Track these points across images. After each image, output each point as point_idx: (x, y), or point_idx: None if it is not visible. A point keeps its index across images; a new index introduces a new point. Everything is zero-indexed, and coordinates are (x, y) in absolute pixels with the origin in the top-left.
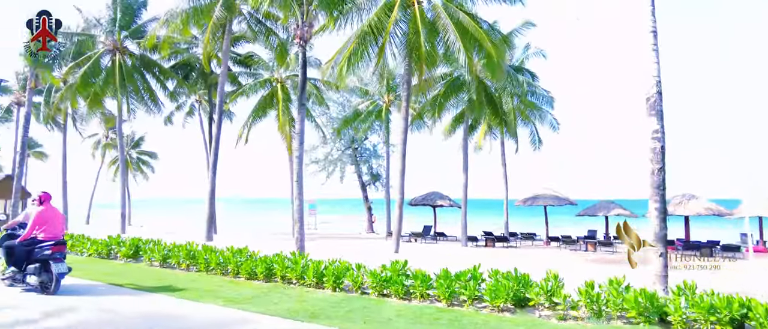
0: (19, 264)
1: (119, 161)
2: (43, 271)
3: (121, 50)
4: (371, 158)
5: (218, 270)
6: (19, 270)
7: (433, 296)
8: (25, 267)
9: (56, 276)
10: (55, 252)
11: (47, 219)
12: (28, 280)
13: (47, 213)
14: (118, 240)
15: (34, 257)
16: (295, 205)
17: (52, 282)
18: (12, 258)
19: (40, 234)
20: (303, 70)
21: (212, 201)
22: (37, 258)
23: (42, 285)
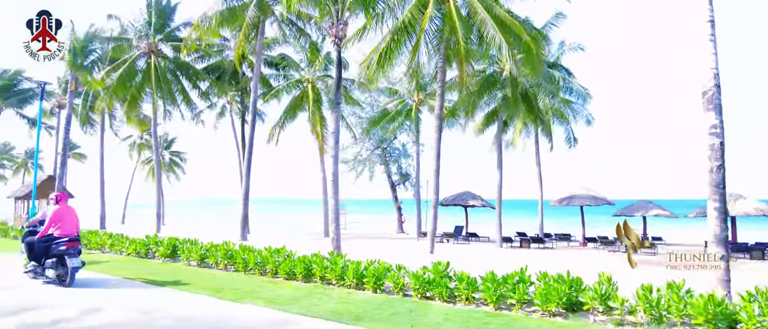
0: (38, 258)
1: (154, 162)
2: (60, 265)
3: (156, 53)
4: (401, 158)
5: (256, 270)
6: (39, 264)
7: (479, 299)
8: (43, 262)
9: (71, 270)
10: (69, 248)
11: (62, 218)
12: (47, 273)
13: (62, 212)
14: (156, 240)
15: (51, 252)
16: (330, 205)
17: (68, 275)
18: (32, 253)
19: (56, 232)
20: (338, 69)
21: (246, 202)
22: (53, 254)
23: (59, 278)
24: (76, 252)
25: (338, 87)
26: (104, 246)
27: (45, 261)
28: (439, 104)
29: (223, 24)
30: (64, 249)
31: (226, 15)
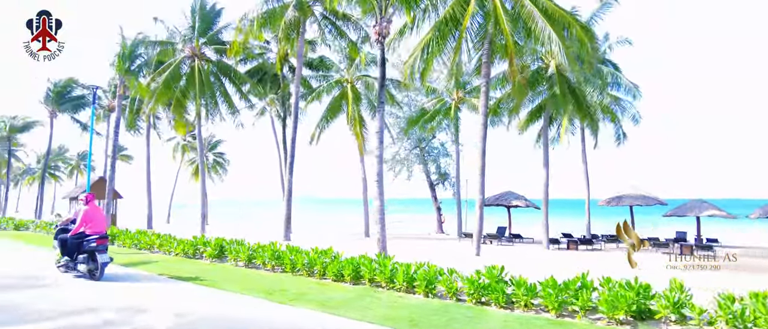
0: (70, 254)
1: (198, 164)
2: (91, 260)
3: (200, 57)
4: (440, 157)
5: (304, 272)
6: (71, 259)
7: (538, 305)
8: (75, 257)
9: (101, 265)
10: (99, 245)
11: (92, 217)
12: (79, 268)
13: (92, 212)
14: (204, 240)
15: (83, 248)
16: (374, 205)
17: (98, 269)
18: (65, 249)
19: (87, 230)
20: (382, 68)
21: (289, 202)
22: (85, 250)
23: (90, 272)
24: (105, 249)
25: (382, 86)
26: (153, 246)
27: (77, 256)
28: (484, 101)
29: (264, 25)
30: (94, 246)
31: (267, 16)
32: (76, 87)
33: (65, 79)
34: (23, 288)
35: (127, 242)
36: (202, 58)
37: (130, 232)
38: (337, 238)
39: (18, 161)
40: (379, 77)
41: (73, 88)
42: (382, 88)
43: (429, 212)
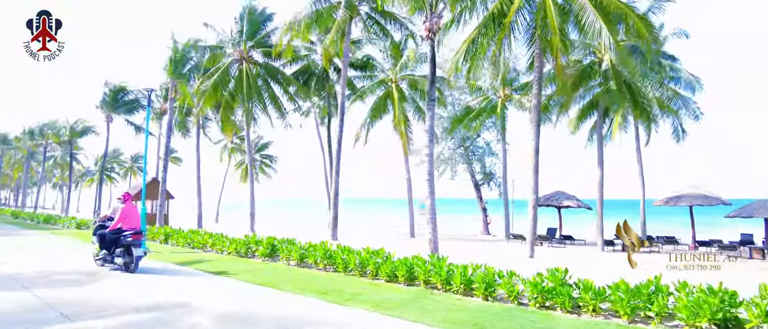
0: (108, 248)
1: (247, 165)
2: (126, 254)
3: (248, 60)
4: (485, 157)
5: (356, 272)
6: (109, 252)
7: (607, 310)
8: (113, 251)
9: (136, 258)
10: (134, 240)
11: (128, 214)
12: (116, 261)
13: (128, 210)
14: (256, 240)
15: (119, 243)
16: (427, 204)
17: (133, 262)
18: (104, 243)
19: (123, 226)
20: (432, 65)
21: (336, 202)
22: (121, 244)
23: (125, 265)
24: (139, 243)
25: (432, 83)
26: (206, 245)
27: (114, 250)
28: (536, 98)
29: (311, 27)
30: (130, 240)
31: (315, 17)
32: (129, 91)
33: (119, 84)
34: (87, 284)
35: (180, 241)
36: (250, 62)
37: (182, 231)
38: (382, 238)
39: (78, 163)
40: (430, 74)
41: (127, 92)
42: (433, 85)
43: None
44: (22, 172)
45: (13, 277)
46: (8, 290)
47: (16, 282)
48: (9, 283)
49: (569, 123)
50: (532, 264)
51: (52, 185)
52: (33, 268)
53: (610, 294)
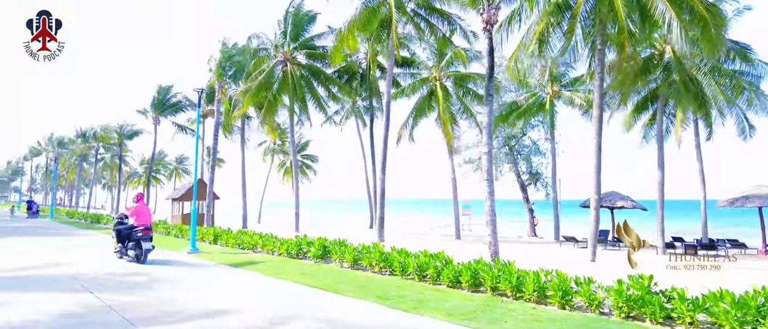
0: (123, 242)
1: (292, 165)
2: (137, 247)
3: (291, 61)
4: (532, 156)
5: (415, 275)
6: (123, 246)
7: (705, 323)
8: (126, 244)
9: (145, 251)
10: (144, 235)
11: (140, 212)
12: (129, 253)
13: (140, 208)
14: (307, 240)
15: (132, 237)
16: (486, 205)
17: (142, 255)
18: (120, 238)
19: (135, 223)
20: (490, 57)
21: (382, 202)
22: (133, 238)
23: (136, 256)
24: (149, 238)
25: (490, 77)
26: (256, 246)
27: (127, 243)
28: (598, 90)
29: (359, 28)
30: (140, 235)
31: (362, 18)
32: (174, 94)
33: (165, 87)
34: (147, 286)
35: (229, 242)
36: (294, 63)
37: (231, 232)
38: (429, 240)
39: (126, 165)
40: (488, 68)
41: (172, 95)
42: (491, 79)
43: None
44: (75, 173)
45: (75, 277)
46: (71, 291)
47: (77, 282)
48: (71, 284)
49: (624, 121)
50: (595, 269)
51: (102, 186)
52: (93, 269)
53: (709, 306)
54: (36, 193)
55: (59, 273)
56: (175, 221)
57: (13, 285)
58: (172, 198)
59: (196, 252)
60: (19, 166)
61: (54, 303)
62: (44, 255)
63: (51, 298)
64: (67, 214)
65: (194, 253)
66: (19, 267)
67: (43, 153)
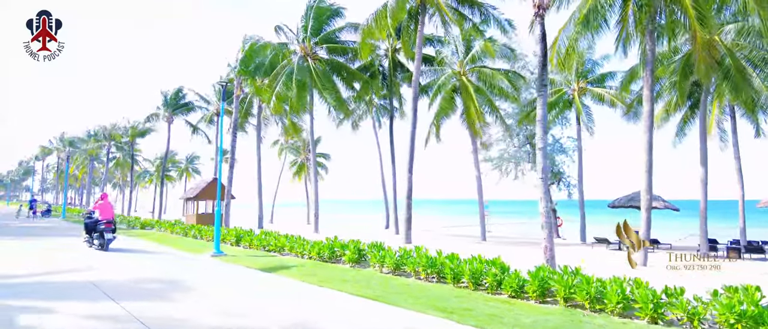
0: (89, 233)
1: (310, 164)
2: (101, 237)
3: (312, 56)
4: (556, 154)
5: (470, 284)
6: (90, 236)
7: None
8: (92, 235)
9: (106, 240)
10: (106, 228)
11: (103, 209)
12: (94, 242)
13: (104, 205)
14: (341, 243)
15: (96, 229)
16: (541, 207)
17: (105, 243)
18: (87, 229)
19: (99, 217)
20: (542, 44)
21: (409, 203)
22: (98, 230)
23: (100, 245)
24: (111, 230)
25: (544, 66)
26: (282, 249)
27: (93, 234)
28: (648, 81)
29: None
30: (103, 227)
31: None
32: (186, 93)
33: (177, 86)
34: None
35: (254, 244)
36: (314, 58)
37: (253, 233)
38: (456, 242)
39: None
40: (540, 55)
41: (185, 94)
42: (544, 67)
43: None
44: (86, 173)
45: (97, 284)
46: (93, 300)
47: (98, 289)
48: (93, 292)
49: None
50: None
51: (112, 186)
52: (114, 274)
53: None
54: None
55: (79, 279)
56: (189, 220)
57: (32, 292)
58: (185, 198)
59: (221, 254)
60: (30, 165)
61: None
62: (62, 259)
63: (77, 310)
64: (78, 213)
65: (219, 256)
66: (36, 271)
67: (55, 152)
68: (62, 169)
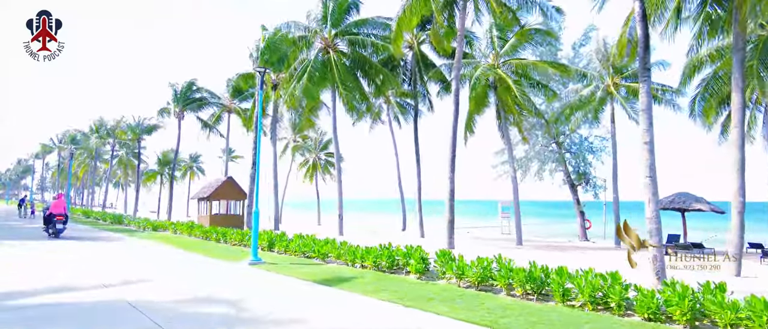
0: (46, 224)
1: (335, 163)
2: (53, 227)
3: (333, 48)
4: (586, 154)
5: (588, 303)
6: (46, 226)
7: None
8: (48, 226)
9: (57, 230)
10: (57, 220)
11: (57, 205)
12: (49, 231)
13: (58, 202)
14: (403, 251)
15: (50, 221)
16: (649, 210)
17: (56, 232)
18: (45, 221)
19: (53, 211)
20: (643, 24)
21: (451, 204)
22: (51, 221)
23: (53, 233)
24: (62, 222)
25: (646, 48)
26: (326, 256)
27: (48, 225)
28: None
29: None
30: (55, 220)
31: None
32: (197, 88)
33: (188, 81)
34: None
35: (291, 250)
36: (335, 51)
37: (287, 237)
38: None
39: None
40: (641, 36)
41: (196, 89)
42: (647, 50)
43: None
44: (88, 171)
45: (138, 307)
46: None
47: (145, 316)
48: (138, 319)
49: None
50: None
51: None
52: (155, 291)
53: None
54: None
55: (112, 298)
56: (202, 221)
57: (66, 317)
58: (198, 197)
59: (259, 262)
60: (29, 164)
61: None
62: (84, 269)
63: None
64: (83, 213)
65: (257, 264)
66: (60, 286)
67: (55, 150)
68: (63, 167)
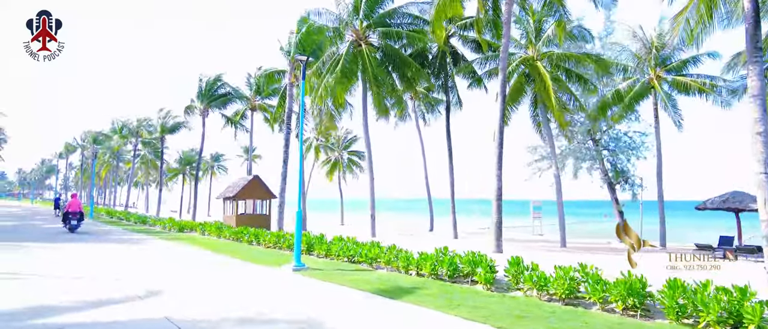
0: (64, 220)
1: (367, 162)
2: (69, 222)
3: (365, 41)
4: (625, 151)
5: (713, 324)
6: (64, 223)
7: None
8: (65, 221)
9: (72, 225)
10: (72, 217)
11: (72, 204)
12: (67, 226)
13: (73, 201)
14: (466, 258)
15: (67, 217)
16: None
17: (72, 227)
18: (64, 217)
19: (69, 209)
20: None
21: (499, 205)
22: (68, 218)
23: (70, 229)
24: (77, 219)
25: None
26: (374, 261)
27: (65, 222)
28: None
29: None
30: (70, 217)
31: None
32: (222, 83)
33: (214, 76)
34: None
35: (334, 254)
36: (367, 43)
37: (326, 240)
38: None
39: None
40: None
41: (221, 84)
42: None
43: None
44: (110, 171)
45: (175, 322)
46: None
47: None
48: None
49: None
50: None
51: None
52: (193, 304)
53: None
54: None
55: (150, 315)
56: (227, 221)
57: None
58: (223, 197)
59: (303, 267)
60: (53, 164)
61: None
62: (114, 276)
63: None
64: (107, 213)
65: (301, 270)
66: (95, 300)
67: (79, 150)
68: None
